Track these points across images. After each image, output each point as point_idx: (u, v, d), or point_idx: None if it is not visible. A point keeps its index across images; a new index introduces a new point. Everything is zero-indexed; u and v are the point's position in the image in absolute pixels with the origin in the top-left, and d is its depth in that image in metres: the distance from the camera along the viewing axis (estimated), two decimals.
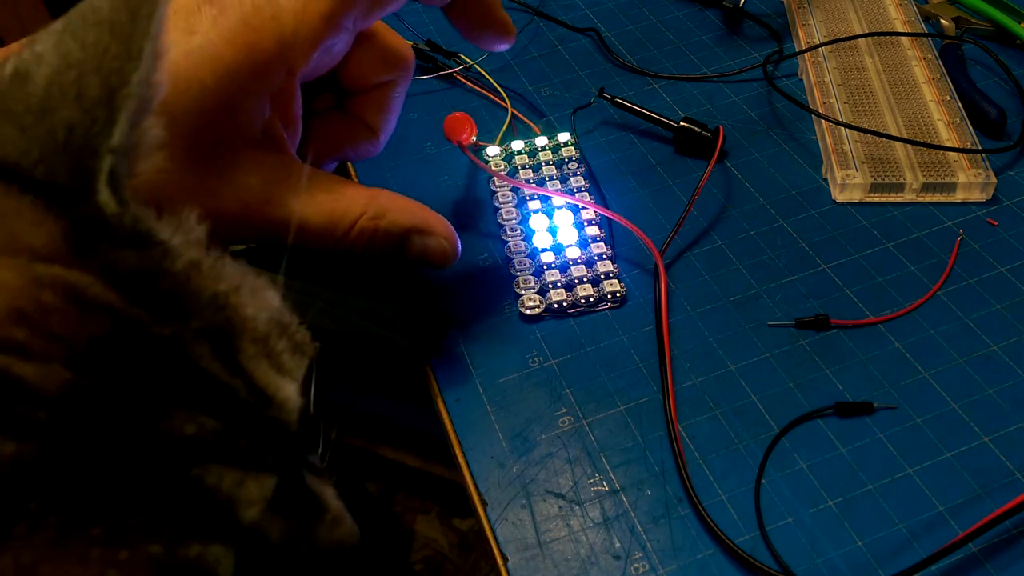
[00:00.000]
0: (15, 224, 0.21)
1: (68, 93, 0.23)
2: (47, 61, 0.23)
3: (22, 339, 0.19)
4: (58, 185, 0.22)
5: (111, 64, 0.23)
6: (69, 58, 0.23)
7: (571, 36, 0.69)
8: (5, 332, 0.19)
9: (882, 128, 0.58)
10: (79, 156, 0.23)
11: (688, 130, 0.59)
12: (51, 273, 0.20)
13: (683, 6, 0.72)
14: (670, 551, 0.41)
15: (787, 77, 0.65)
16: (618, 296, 0.51)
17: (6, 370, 0.18)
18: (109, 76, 0.23)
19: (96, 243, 0.22)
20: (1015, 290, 0.50)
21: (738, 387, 0.47)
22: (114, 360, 0.20)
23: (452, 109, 0.57)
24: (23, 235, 0.21)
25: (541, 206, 0.56)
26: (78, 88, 0.23)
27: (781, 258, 0.53)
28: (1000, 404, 0.45)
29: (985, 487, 0.42)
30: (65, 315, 0.20)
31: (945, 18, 0.68)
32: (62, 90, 0.23)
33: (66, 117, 0.23)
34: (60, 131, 0.23)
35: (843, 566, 0.40)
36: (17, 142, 0.22)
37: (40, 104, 0.23)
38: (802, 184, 0.57)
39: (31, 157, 0.22)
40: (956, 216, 0.55)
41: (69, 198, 0.22)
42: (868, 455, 0.43)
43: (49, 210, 0.22)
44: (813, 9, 0.69)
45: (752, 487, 0.42)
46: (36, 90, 0.23)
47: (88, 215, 0.22)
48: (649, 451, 0.44)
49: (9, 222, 0.21)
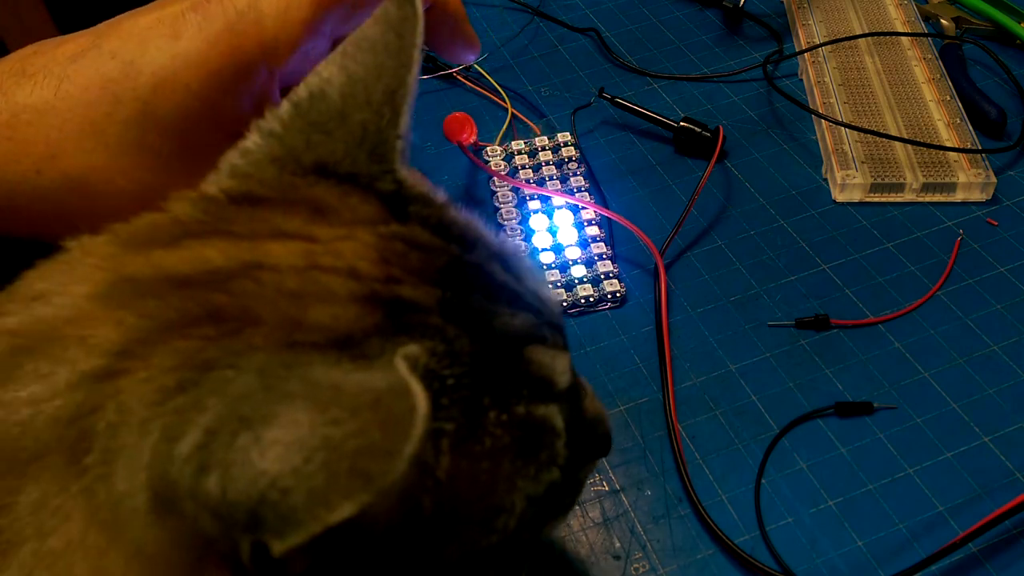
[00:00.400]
0: (348, 203, 0.27)
1: (359, 100, 0.29)
2: (335, 81, 0.29)
3: (398, 273, 0.25)
4: (361, 173, 0.28)
5: (388, 73, 0.29)
6: (354, 76, 0.29)
7: (571, 36, 0.69)
8: (385, 271, 0.25)
9: (882, 128, 0.58)
10: (375, 144, 0.29)
11: (688, 130, 0.59)
12: (391, 231, 0.27)
13: (683, 6, 0.72)
14: (670, 551, 0.41)
15: (787, 77, 0.65)
16: (618, 296, 0.51)
17: (400, 294, 0.25)
18: (389, 82, 0.29)
19: (405, 207, 0.28)
20: (1015, 290, 0.50)
21: (738, 387, 0.47)
22: (455, 280, 0.26)
23: (452, 109, 0.57)
24: (358, 210, 0.27)
25: (541, 206, 0.56)
26: (367, 95, 0.29)
27: (781, 258, 0.53)
28: (1000, 404, 0.45)
29: (985, 487, 0.42)
30: (415, 256, 0.26)
31: (945, 18, 0.68)
32: (355, 99, 0.29)
33: (360, 119, 0.29)
34: (357, 130, 0.29)
35: (843, 566, 0.40)
36: (326, 144, 0.29)
37: (339, 113, 0.29)
38: (802, 184, 0.57)
39: (338, 154, 0.28)
40: (956, 216, 0.55)
41: (374, 180, 0.28)
42: (868, 455, 0.43)
43: (366, 191, 0.28)
44: (813, 9, 0.69)
45: (752, 487, 0.42)
46: (333, 103, 0.29)
47: (391, 189, 0.28)
48: (649, 451, 0.44)
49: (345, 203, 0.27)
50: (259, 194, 0.27)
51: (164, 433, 0.20)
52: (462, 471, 0.24)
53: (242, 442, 0.19)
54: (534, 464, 0.26)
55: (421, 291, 0.25)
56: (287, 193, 0.27)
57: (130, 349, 0.22)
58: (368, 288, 0.24)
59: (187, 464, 0.19)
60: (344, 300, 0.24)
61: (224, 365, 0.21)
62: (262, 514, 0.19)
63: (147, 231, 0.26)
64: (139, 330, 0.22)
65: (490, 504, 0.25)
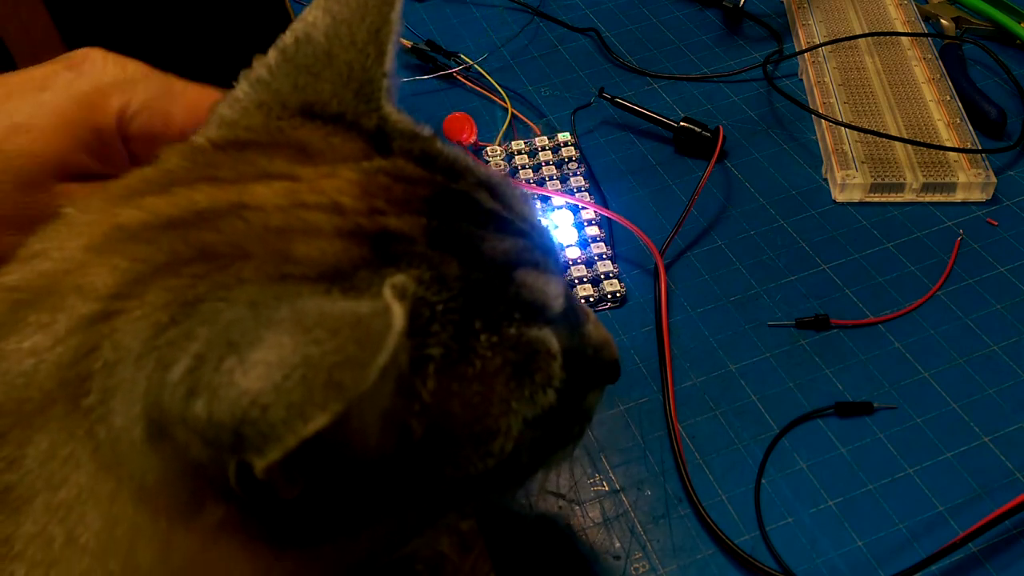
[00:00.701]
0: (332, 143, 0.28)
1: (344, 40, 0.30)
2: (320, 24, 0.30)
3: (382, 206, 0.26)
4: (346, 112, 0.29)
5: (372, 12, 0.30)
6: (338, 17, 0.30)
7: (571, 36, 0.69)
8: (370, 203, 0.26)
9: (882, 128, 0.58)
10: (361, 83, 0.29)
11: (688, 130, 0.59)
12: (375, 166, 0.27)
13: (683, 6, 0.72)
14: (670, 551, 0.41)
15: (787, 77, 0.65)
16: (618, 296, 0.51)
17: (385, 226, 0.25)
18: (373, 20, 0.30)
19: (390, 142, 0.29)
20: (1015, 290, 0.50)
21: (738, 387, 0.47)
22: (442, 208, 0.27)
23: (452, 109, 0.57)
24: (342, 148, 0.28)
25: (541, 206, 0.56)
26: (351, 35, 0.30)
27: (781, 258, 0.53)
28: (1000, 404, 0.45)
29: (985, 487, 0.42)
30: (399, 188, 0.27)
31: (945, 18, 0.68)
32: (339, 40, 0.30)
33: (346, 59, 0.30)
34: (344, 69, 0.30)
35: (843, 566, 0.40)
36: (313, 86, 0.29)
37: (325, 54, 0.30)
38: (802, 184, 0.57)
39: (324, 95, 0.29)
40: (956, 216, 0.55)
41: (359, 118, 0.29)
42: (868, 455, 0.43)
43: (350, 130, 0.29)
44: (813, 9, 0.69)
45: (752, 487, 0.42)
46: (319, 45, 0.30)
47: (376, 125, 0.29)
48: (649, 451, 0.44)
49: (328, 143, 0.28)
50: (245, 139, 0.28)
51: (158, 363, 0.21)
52: (452, 393, 0.25)
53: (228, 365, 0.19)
54: (528, 386, 0.26)
55: (406, 221, 0.26)
56: (274, 136, 0.28)
57: (124, 291, 0.23)
58: (352, 222, 0.25)
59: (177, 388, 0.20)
60: (330, 234, 0.24)
61: (216, 298, 0.22)
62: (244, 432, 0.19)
63: (138, 184, 0.27)
64: (132, 272, 0.23)
65: (484, 427, 0.26)
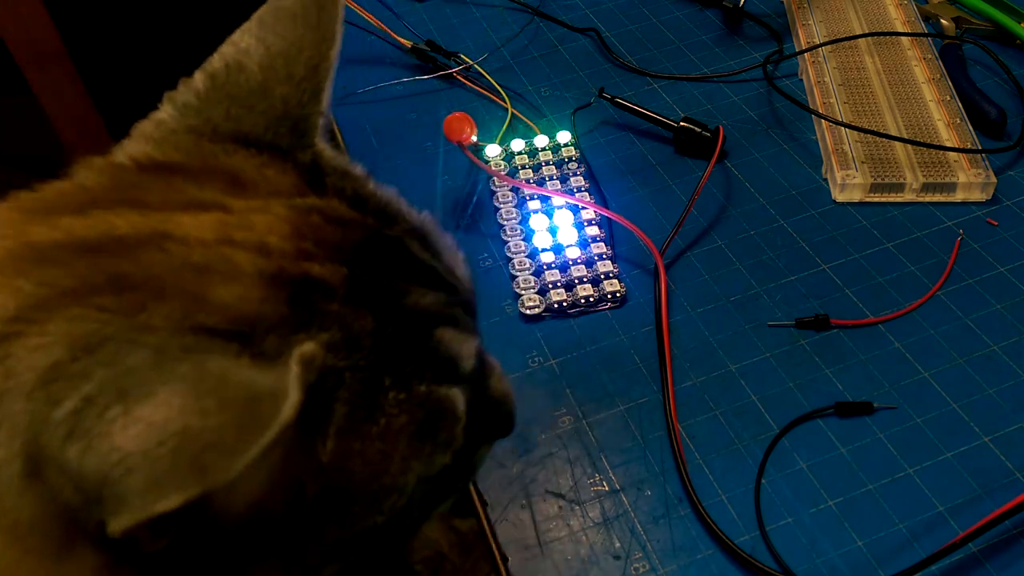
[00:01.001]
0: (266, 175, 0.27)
1: (280, 74, 0.29)
2: (254, 54, 0.29)
3: (310, 248, 0.25)
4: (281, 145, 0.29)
5: (310, 47, 0.29)
6: (272, 48, 0.29)
7: (571, 36, 0.69)
8: (298, 245, 0.25)
9: (882, 128, 0.58)
10: (296, 120, 0.29)
11: (688, 130, 0.59)
12: (307, 203, 0.27)
13: (683, 6, 0.72)
14: (670, 551, 0.41)
15: (787, 77, 0.65)
16: (618, 296, 0.51)
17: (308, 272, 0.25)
18: (310, 56, 0.29)
19: (322, 179, 0.28)
20: (1015, 290, 0.50)
21: (738, 387, 0.47)
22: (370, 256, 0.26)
23: (452, 109, 0.57)
24: (275, 181, 0.27)
25: (541, 206, 0.56)
26: (288, 69, 0.29)
27: (781, 258, 0.53)
28: (1000, 404, 0.45)
29: (985, 487, 0.42)
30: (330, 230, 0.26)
31: (945, 18, 0.68)
32: (275, 73, 0.29)
33: (281, 93, 0.29)
34: (279, 104, 0.29)
35: (843, 566, 0.40)
36: (248, 117, 0.29)
37: (260, 86, 0.29)
38: (802, 184, 0.57)
39: (259, 128, 0.29)
40: (956, 216, 0.55)
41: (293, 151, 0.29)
42: (868, 455, 0.43)
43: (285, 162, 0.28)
44: (813, 9, 0.69)
45: (752, 487, 0.42)
46: (253, 76, 0.29)
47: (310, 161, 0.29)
48: (649, 451, 0.44)
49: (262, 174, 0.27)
50: (175, 162, 0.27)
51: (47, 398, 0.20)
52: (353, 452, 0.24)
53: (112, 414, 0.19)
54: (430, 444, 0.26)
55: (328, 269, 0.25)
56: (206, 161, 0.28)
57: (24, 316, 0.22)
58: (276, 265, 0.24)
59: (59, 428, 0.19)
60: (251, 278, 0.24)
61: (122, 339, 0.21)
62: (102, 493, 0.19)
63: (54, 198, 0.26)
64: (36, 297, 0.22)
65: (381, 484, 0.25)
